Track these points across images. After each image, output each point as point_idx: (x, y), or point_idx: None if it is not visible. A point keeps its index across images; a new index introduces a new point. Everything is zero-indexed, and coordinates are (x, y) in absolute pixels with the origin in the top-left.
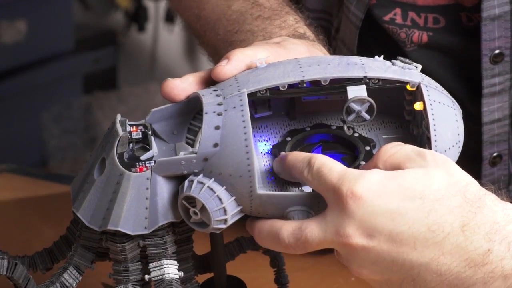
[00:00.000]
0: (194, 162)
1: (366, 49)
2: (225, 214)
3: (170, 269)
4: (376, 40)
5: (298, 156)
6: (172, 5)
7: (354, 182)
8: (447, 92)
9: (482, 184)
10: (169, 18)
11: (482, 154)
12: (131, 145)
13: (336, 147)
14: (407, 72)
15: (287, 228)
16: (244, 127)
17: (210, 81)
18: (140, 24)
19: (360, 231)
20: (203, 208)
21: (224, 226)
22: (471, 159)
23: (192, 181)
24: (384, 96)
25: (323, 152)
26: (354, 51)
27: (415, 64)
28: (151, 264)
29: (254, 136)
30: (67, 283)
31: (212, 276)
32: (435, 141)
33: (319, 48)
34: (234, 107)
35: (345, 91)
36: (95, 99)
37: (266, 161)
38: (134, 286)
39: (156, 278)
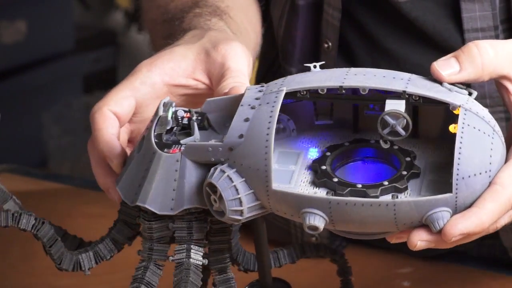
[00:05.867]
0: (220, 150)
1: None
2: (241, 205)
3: (193, 254)
4: None
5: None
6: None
7: None
8: (494, 122)
9: None
10: None
11: None
12: (175, 129)
13: (376, 160)
14: (452, 94)
15: None
16: (269, 122)
17: None
18: (140, 24)
19: None
20: (221, 197)
21: (240, 218)
22: None
23: (216, 169)
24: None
25: (364, 163)
26: (339, 8)
27: (470, 90)
28: (176, 246)
29: (309, 142)
30: (101, 253)
31: (257, 279)
32: (458, 164)
33: (217, 27)
34: (268, 103)
35: (384, 104)
36: (95, 99)
37: (306, 168)
38: (157, 266)
39: (178, 260)
